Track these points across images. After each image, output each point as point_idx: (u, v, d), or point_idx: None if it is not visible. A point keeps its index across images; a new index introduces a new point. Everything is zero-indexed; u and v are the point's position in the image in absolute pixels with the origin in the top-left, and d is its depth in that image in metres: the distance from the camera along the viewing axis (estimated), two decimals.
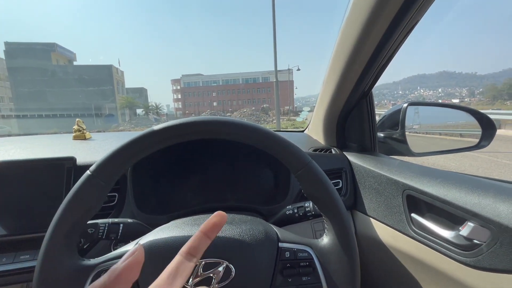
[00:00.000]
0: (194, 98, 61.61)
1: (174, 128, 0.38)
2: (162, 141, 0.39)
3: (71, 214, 0.36)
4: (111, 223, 0.51)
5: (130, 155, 0.38)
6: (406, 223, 0.57)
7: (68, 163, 0.63)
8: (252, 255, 0.39)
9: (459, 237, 0.45)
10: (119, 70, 39.30)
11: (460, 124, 1.48)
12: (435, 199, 0.50)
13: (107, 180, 0.37)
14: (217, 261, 0.37)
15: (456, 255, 0.45)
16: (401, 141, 0.82)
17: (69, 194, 0.37)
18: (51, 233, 0.35)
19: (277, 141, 0.40)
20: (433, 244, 0.50)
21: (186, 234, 0.39)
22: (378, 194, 0.65)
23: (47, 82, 35.80)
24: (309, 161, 0.40)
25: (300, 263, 0.39)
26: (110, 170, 0.37)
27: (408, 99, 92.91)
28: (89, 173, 0.37)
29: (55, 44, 37.89)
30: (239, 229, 0.41)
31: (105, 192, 0.38)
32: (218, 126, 0.39)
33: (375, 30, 0.56)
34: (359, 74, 0.69)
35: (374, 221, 0.66)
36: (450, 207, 0.47)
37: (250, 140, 0.40)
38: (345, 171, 0.76)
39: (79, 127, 0.87)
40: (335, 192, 0.40)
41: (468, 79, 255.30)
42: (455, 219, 0.48)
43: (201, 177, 0.74)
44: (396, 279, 0.60)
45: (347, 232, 0.39)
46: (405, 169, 0.62)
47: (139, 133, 0.38)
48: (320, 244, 0.41)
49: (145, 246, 0.38)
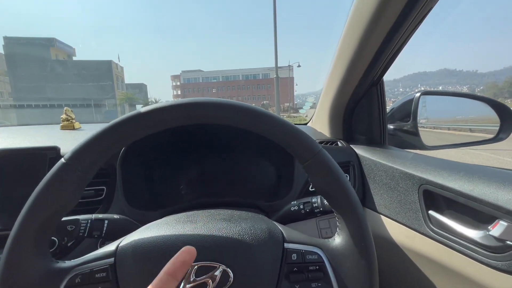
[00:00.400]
0: (194, 94, 61.40)
1: (165, 110, 0.33)
2: (151, 126, 0.33)
3: (42, 209, 0.31)
4: (94, 219, 0.45)
5: (112, 141, 0.32)
6: (422, 221, 0.51)
7: (51, 153, 0.57)
8: (254, 258, 0.33)
9: (488, 238, 0.40)
10: (118, 66, 39.05)
11: (470, 119, 1.43)
12: (458, 195, 0.44)
13: (85, 169, 0.32)
14: (213, 264, 0.32)
15: (484, 258, 0.40)
16: (413, 133, 0.76)
17: (39, 185, 0.31)
18: (17, 230, 0.30)
19: (282, 126, 0.34)
20: (456, 245, 0.45)
21: (176, 232, 0.34)
22: (390, 189, 0.60)
23: (46, 77, 35.55)
24: (319, 150, 0.34)
25: (309, 267, 0.34)
26: (88, 158, 0.31)
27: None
28: (63, 161, 0.31)
29: (54, 39, 37.58)
30: (239, 227, 0.35)
31: (83, 183, 0.32)
32: (213, 109, 0.33)
33: (387, 13, 0.51)
34: (369, 61, 0.64)
35: (385, 219, 0.61)
36: (477, 204, 0.42)
37: (252, 126, 0.34)
38: (352, 165, 0.71)
39: (67, 116, 0.81)
40: (349, 186, 0.35)
41: (469, 77, 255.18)
42: (482, 218, 0.42)
43: (197, 169, 0.69)
44: (413, 283, 0.55)
45: (364, 232, 0.34)
46: (420, 162, 0.57)
47: (123, 116, 0.33)
48: (332, 245, 0.36)
49: (128, 247, 0.33)
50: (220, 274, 0.32)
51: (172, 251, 0.32)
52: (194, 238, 0.33)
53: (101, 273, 0.31)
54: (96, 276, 0.31)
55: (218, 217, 0.38)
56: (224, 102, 0.34)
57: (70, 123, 0.81)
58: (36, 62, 34.98)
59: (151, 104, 1.47)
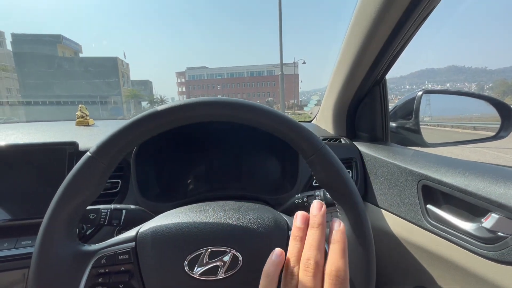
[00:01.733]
0: (199, 91, 61.51)
1: (179, 109, 0.36)
2: (167, 123, 0.36)
3: (70, 198, 0.34)
4: (114, 209, 0.49)
5: (132, 136, 0.35)
6: (421, 214, 0.54)
7: (70, 148, 0.61)
8: (261, 244, 0.36)
9: (481, 230, 0.42)
10: (124, 63, 39.28)
11: (474, 116, 1.43)
12: (455, 190, 0.47)
13: (109, 162, 0.35)
14: (224, 249, 0.35)
15: (477, 249, 0.43)
16: (415, 131, 0.78)
17: (68, 177, 0.34)
18: (49, 217, 0.33)
19: (287, 123, 0.37)
20: (451, 237, 0.47)
21: (190, 220, 0.37)
22: (391, 184, 0.62)
23: (53, 73, 35.99)
24: (322, 146, 0.37)
25: None
26: (111, 152, 0.35)
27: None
28: (89, 155, 0.34)
29: (61, 36, 37.92)
30: (247, 216, 0.38)
31: (106, 174, 0.36)
32: (227, 108, 0.36)
33: (390, 13, 0.53)
34: (372, 60, 0.66)
35: (386, 213, 0.64)
36: (471, 198, 0.44)
37: (258, 123, 0.37)
38: (355, 161, 0.73)
39: (82, 113, 0.85)
40: (349, 179, 0.37)
41: (477, 74, 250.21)
42: (476, 211, 0.45)
43: (206, 164, 0.72)
44: (411, 273, 0.58)
45: (363, 222, 0.37)
46: (420, 159, 0.59)
47: (142, 113, 0.36)
48: None
49: (147, 232, 0.36)
50: (230, 258, 0.35)
51: (186, 236, 0.35)
52: (206, 225, 0.36)
53: (124, 255, 0.35)
54: (119, 258, 0.34)
55: (228, 207, 0.41)
56: (231, 101, 0.37)
57: (85, 120, 0.85)
58: (43, 59, 35.41)
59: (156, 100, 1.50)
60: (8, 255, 0.54)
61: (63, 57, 37.73)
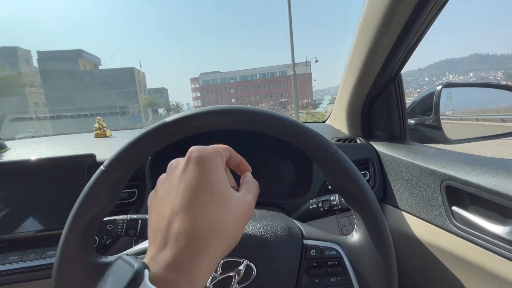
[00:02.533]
0: (212, 96, 62.41)
1: (188, 119, 0.36)
2: (176, 133, 0.36)
3: (86, 211, 0.35)
4: (130, 220, 0.50)
5: (143, 148, 0.36)
6: (446, 217, 0.51)
7: (88, 160, 0.63)
8: (275, 253, 0.35)
9: None
10: (140, 72, 40.68)
11: (502, 108, 1.35)
12: (482, 190, 0.44)
13: (122, 175, 0.36)
14: (238, 260, 0.34)
15: (510, 254, 0.39)
16: (436, 127, 0.74)
17: (84, 191, 0.35)
18: (67, 230, 0.35)
19: (298, 128, 0.36)
20: (481, 241, 0.44)
21: None
22: (411, 186, 0.59)
23: (76, 86, 37.93)
24: (334, 149, 0.36)
25: (328, 262, 0.36)
26: (124, 164, 0.35)
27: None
28: (103, 169, 0.35)
29: (81, 50, 39.97)
30: (260, 225, 0.38)
31: (120, 187, 0.36)
32: (232, 116, 0.36)
33: (402, 7, 0.51)
34: (385, 56, 0.63)
35: (407, 215, 0.61)
36: (501, 199, 0.41)
37: (268, 129, 0.36)
38: (372, 162, 0.71)
39: (99, 125, 0.88)
40: (364, 183, 0.36)
41: (503, 60, 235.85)
42: (508, 213, 0.41)
43: None
44: (436, 279, 0.54)
45: (381, 228, 0.35)
46: (442, 157, 0.56)
47: (152, 126, 0.36)
48: (350, 241, 0.37)
49: None
50: (244, 268, 0.34)
51: None
52: None
53: None
54: None
55: None
56: (240, 108, 0.36)
57: (102, 131, 0.88)
58: (66, 73, 37.42)
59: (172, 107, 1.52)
60: (35, 265, 0.56)
61: (84, 70, 39.71)
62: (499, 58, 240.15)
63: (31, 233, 0.59)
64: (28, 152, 0.75)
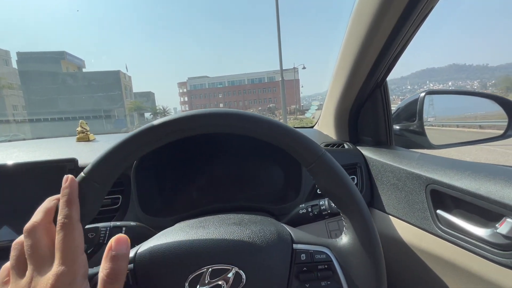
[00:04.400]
0: (200, 100, 62.02)
1: (173, 122, 0.35)
2: (161, 137, 0.35)
3: None
4: (113, 227, 0.48)
5: (127, 154, 0.34)
6: (431, 220, 0.52)
7: (70, 165, 0.60)
8: (264, 259, 0.35)
9: (496, 235, 0.40)
10: (126, 75, 39.89)
11: (479, 115, 1.41)
12: (465, 194, 0.45)
13: (103, 182, 0.34)
14: (226, 267, 0.33)
15: (493, 256, 0.41)
16: (419, 133, 0.77)
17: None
18: None
19: (285, 131, 0.36)
20: (464, 244, 0.45)
21: (190, 238, 0.36)
22: (398, 190, 0.60)
23: (58, 89, 36.65)
24: (322, 153, 0.36)
25: (318, 266, 0.35)
26: (105, 171, 0.34)
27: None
28: (83, 175, 0.34)
29: (64, 52, 38.78)
30: (249, 230, 0.37)
31: (101, 194, 0.35)
32: (219, 119, 0.35)
33: (388, 16, 0.53)
34: (372, 63, 0.65)
35: (394, 219, 0.62)
36: (483, 202, 0.42)
37: (255, 133, 0.36)
38: (359, 167, 0.72)
39: (82, 129, 0.85)
40: (353, 186, 0.36)
41: (479, 71, 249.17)
42: (490, 215, 0.43)
43: (208, 176, 0.71)
44: (423, 281, 0.55)
45: (370, 231, 0.35)
46: (427, 162, 0.57)
47: (136, 130, 0.35)
48: (339, 244, 0.37)
49: (146, 253, 0.35)
50: (233, 276, 0.33)
51: (186, 255, 0.34)
52: (207, 242, 0.35)
53: None
54: None
55: (229, 222, 0.40)
56: (227, 112, 0.36)
57: (85, 135, 0.85)
58: (47, 76, 36.12)
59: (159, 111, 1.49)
60: None
61: (67, 72, 38.47)
62: (475, 68, 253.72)
63: (6, 242, 0.56)
64: (3, 156, 0.71)
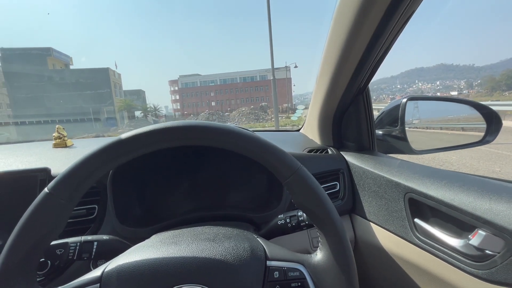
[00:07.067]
0: (192, 99, 61.45)
1: (143, 136, 0.34)
2: (130, 152, 0.34)
3: (27, 238, 0.31)
4: (84, 242, 0.46)
5: (94, 168, 0.33)
6: (409, 229, 0.52)
7: (42, 175, 0.58)
8: (236, 278, 0.34)
9: (469, 247, 0.41)
10: (116, 73, 39.06)
11: (462, 118, 1.44)
12: (441, 204, 0.45)
13: (69, 198, 0.32)
14: (195, 286, 0.32)
15: (466, 266, 0.41)
16: (401, 138, 0.77)
17: (25, 215, 0.32)
18: (3, 258, 0.31)
19: (261, 145, 0.35)
20: (439, 253, 0.45)
21: (160, 256, 0.35)
22: (378, 197, 0.61)
23: (44, 87, 35.58)
24: (298, 167, 0.35)
25: (291, 284, 0.35)
26: (72, 187, 0.32)
27: (407, 93, 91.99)
28: (47, 191, 0.32)
29: (50, 48, 37.60)
30: (221, 247, 0.36)
31: (67, 211, 0.33)
32: (195, 132, 0.34)
33: (368, 21, 0.52)
34: (353, 69, 0.64)
35: (374, 226, 0.62)
36: (457, 213, 0.42)
37: (231, 146, 0.35)
38: (342, 173, 0.72)
39: (59, 134, 0.81)
40: (328, 202, 0.35)
41: (466, 71, 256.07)
42: (463, 226, 0.43)
43: (190, 183, 0.69)
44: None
45: (344, 249, 0.35)
46: (406, 170, 0.57)
47: (105, 143, 0.33)
48: (314, 261, 0.36)
49: (113, 272, 0.34)
50: None
51: (155, 274, 0.33)
52: (177, 261, 0.34)
53: None
54: None
55: (202, 237, 0.39)
56: (202, 125, 0.35)
57: (62, 141, 0.82)
58: (33, 73, 35.00)
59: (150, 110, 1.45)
60: None
61: (53, 69, 37.35)
62: (462, 68, 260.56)
63: None
64: None
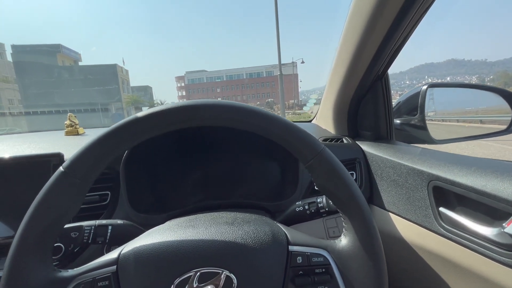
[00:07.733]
0: (198, 95, 61.65)
1: (162, 114, 0.32)
2: (148, 130, 0.32)
3: (42, 218, 0.30)
4: (98, 225, 0.45)
5: (109, 147, 0.32)
6: (433, 218, 0.49)
7: (55, 160, 0.58)
8: (257, 262, 0.32)
9: (503, 235, 0.38)
10: (123, 69, 39.40)
11: (480, 109, 1.39)
12: (470, 191, 0.43)
13: (84, 178, 0.31)
14: (216, 270, 0.31)
15: (500, 256, 0.38)
16: (421, 127, 0.74)
17: (39, 195, 0.31)
18: (18, 239, 0.30)
19: (282, 125, 0.33)
20: (468, 243, 0.43)
21: (178, 238, 0.33)
22: (398, 186, 0.58)
23: (54, 83, 36.18)
24: (321, 148, 0.33)
25: (315, 270, 0.33)
26: (87, 166, 0.31)
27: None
28: (62, 170, 0.31)
29: (60, 45, 38.12)
30: (241, 231, 0.35)
31: (82, 190, 0.32)
32: (214, 111, 0.32)
33: (389, 7, 0.50)
34: (372, 55, 0.62)
35: (394, 216, 0.60)
36: (490, 200, 0.40)
37: (250, 126, 0.33)
38: (359, 162, 0.69)
39: (71, 122, 0.81)
40: (354, 185, 0.33)
41: (477, 66, 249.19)
42: (496, 214, 0.40)
43: (202, 171, 0.68)
44: (425, 281, 0.53)
45: (371, 232, 0.33)
46: (429, 158, 0.55)
47: (120, 122, 0.32)
48: (338, 247, 0.35)
49: (130, 254, 0.32)
50: (223, 280, 0.31)
51: (173, 257, 0.32)
52: (195, 244, 0.33)
53: (104, 281, 0.31)
54: (98, 284, 0.31)
55: (221, 221, 0.37)
56: (222, 104, 0.33)
57: (74, 129, 0.82)
58: (43, 69, 35.63)
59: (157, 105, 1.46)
60: None
61: (63, 66, 37.91)
62: (474, 63, 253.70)
63: (1, 239, 0.53)
64: None
